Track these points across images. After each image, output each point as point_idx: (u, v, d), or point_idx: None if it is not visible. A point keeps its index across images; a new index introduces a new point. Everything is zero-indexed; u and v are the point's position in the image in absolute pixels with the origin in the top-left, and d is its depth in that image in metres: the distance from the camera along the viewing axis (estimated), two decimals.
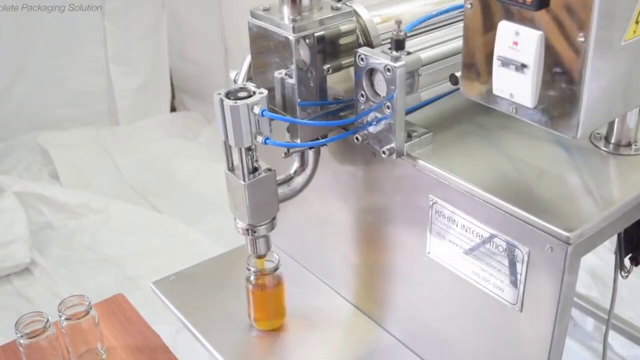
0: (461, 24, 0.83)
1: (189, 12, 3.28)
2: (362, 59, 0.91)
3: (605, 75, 0.74)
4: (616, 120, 0.93)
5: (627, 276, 1.09)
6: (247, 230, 1.04)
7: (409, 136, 0.95)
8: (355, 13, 0.98)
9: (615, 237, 1.04)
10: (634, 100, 0.82)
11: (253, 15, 0.99)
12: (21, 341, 1.12)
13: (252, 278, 1.13)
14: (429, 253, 0.98)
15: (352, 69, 0.96)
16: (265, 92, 0.94)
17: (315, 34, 0.94)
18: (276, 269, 1.13)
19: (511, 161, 0.93)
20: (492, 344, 0.95)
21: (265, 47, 0.98)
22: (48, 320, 1.14)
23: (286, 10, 0.94)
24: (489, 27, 0.78)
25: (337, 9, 0.97)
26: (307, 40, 0.94)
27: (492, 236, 0.87)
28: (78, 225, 2.64)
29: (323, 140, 1.03)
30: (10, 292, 2.32)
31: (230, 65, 3.23)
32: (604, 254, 1.93)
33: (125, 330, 1.30)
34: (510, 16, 0.75)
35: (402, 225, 1.03)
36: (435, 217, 0.94)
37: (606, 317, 1.31)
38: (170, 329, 1.81)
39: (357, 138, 0.97)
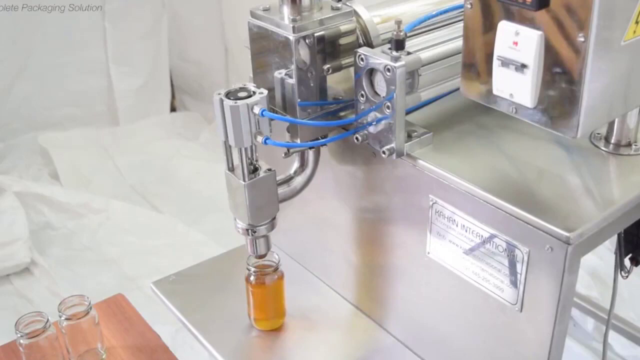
0: (461, 24, 0.83)
1: (189, 12, 3.28)
2: (362, 59, 0.91)
3: (605, 75, 0.74)
4: (616, 120, 0.93)
5: (627, 276, 1.09)
6: (247, 230, 1.04)
7: (409, 136, 0.95)
8: (355, 13, 0.98)
9: (615, 237, 1.04)
10: (634, 100, 0.82)
11: (253, 15, 0.99)
12: (21, 341, 1.12)
13: (252, 278, 1.13)
14: (429, 253, 0.98)
15: (352, 69, 0.96)
16: (265, 92, 0.94)
17: (315, 34, 0.94)
18: (276, 268, 1.13)
19: (511, 161, 0.93)
20: (492, 344, 0.95)
21: (265, 47, 0.98)
22: (48, 320, 1.14)
23: (286, 10, 0.94)
24: (489, 27, 0.78)
25: (337, 9, 0.97)
26: (307, 40, 0.94)
27: (492, 236, 0.87)
28: (78, 225, 2.63)
29: (323, 140, 1.03)
30: (10, 292, 2.32)
31: (231, 65, 3.23)
32: (604, 254, 1.93)
33: (125, 330, 1.30)
34: (510, 16, 0.75)
35: (402, 225, 1.03)
36: (435, 217, 0.94)
37: (606, 317, 1.31)
38: (170, 329, 1.81)
39: (357, 138, 0.97)
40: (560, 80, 0.74)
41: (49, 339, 1.14)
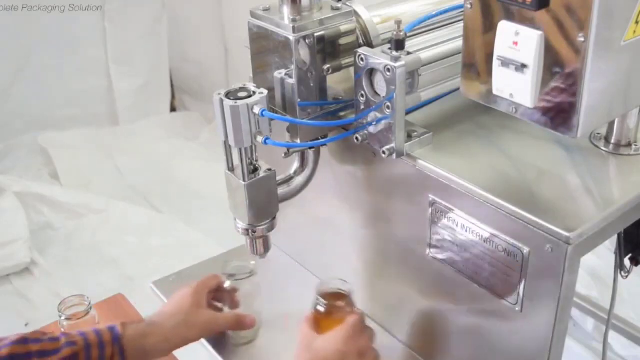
0: (461, 24, 0.83)
1: (189, 12, 3.28)
2: (362, 59, 0.91)
3: (605, 75, 0.74)
4: (616, 120, 0.93)
5: (627, 276, 1.09)
6: (247, 230, 1.04)
7: (409, 136, 0.95)
8: (355, 13, 0.98)
9: (615, 237, 1.04)
10: (634, 100, 0.82)
11: (253, 15, 0.99)
12: None
13: (320, 308, 1.03)
14: (429, 253, 0.98)
15: (352, 69, 0.96)
16: (265, 92, 0.94)
17: (315, 34, 0.94)
18: (349, 301, 1.04)
19: (511, 161, 0.93)
20: (492, 344, 0.95)
21: (265, 47, 0.98)
22: None
23: (286, 10, 0.94)
24: (489, 27, 0.78)
25: (337, 9, 0.97)
26: (307, 40, 0.94)
27: (492, 236, 0.87)
28: (78, 225, 2.64)
29: (323, 140, 1.03)
30: (10, 292, 2.32)
31: (231, 65, 3.23)
32: (604, 254, 1.93)
33: None
34: (510, 16, 0.75)
35: (402, 225, 1.03)
36: (435, 217, 0.94)
37: (606, 317, 1.31)
38: None
39: (357, 138, 0.97)
40: (560, 80, 0.74)
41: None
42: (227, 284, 1.14)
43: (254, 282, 1.14)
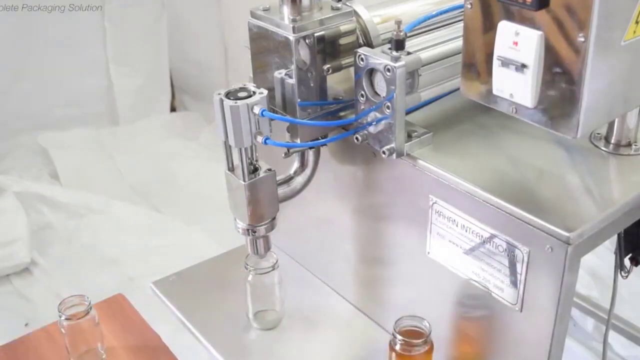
0: (461, 24, 0.83)
1: (189, 12, 3.28)
2: (362, 59, 0.91)
3: (605, 76, 0.74)
4: (616, 120, 0.93)
5: (627, 276, 1.10)
6: (247, 230, 1.04)
7: (409, 136, 0.95)
8: (355, 13, 0.98)
9: (615, 237, 1.04)
10: (634, 100, 0.82)
11: (253, 15, 0.99)
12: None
13: (397, 347, 0.98)
14: (428, 253, 0.98)
15: (352, 69, 0.96)
16: (265, 92, 0.94)
17: (315, 34, 0.94)
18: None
19: (511, 161, 0.93)
20: (492, 344, 0.95)
21: (265, 47, 0.98)
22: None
23: (286, 10, 0.94)
24: (489, 27, 0.78)
25: (337, 9, 0.97)
26: (307, 40, 0.94)
27: (492, 236, 0.87)
28: (78, 225, 2.63)
29: (323, 140, 1.03)
30: (10, 292, 2.32)
31: (231, 65, 3.23)
32: (604, 254, 1.93)
33: (125, 330, 1.30)
34: (510, 16, 0.75)
35: (402, 225, 1.03)
36: (435, 217, 0.94)
37: (606, 317, 1.31)
38: (170, 329, 1.80)
39: (357, 138, 0.97)
40: (560, 80, 0.74)
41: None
42: (250, 277, 1.14)
43: (277, 273, 1.14)
